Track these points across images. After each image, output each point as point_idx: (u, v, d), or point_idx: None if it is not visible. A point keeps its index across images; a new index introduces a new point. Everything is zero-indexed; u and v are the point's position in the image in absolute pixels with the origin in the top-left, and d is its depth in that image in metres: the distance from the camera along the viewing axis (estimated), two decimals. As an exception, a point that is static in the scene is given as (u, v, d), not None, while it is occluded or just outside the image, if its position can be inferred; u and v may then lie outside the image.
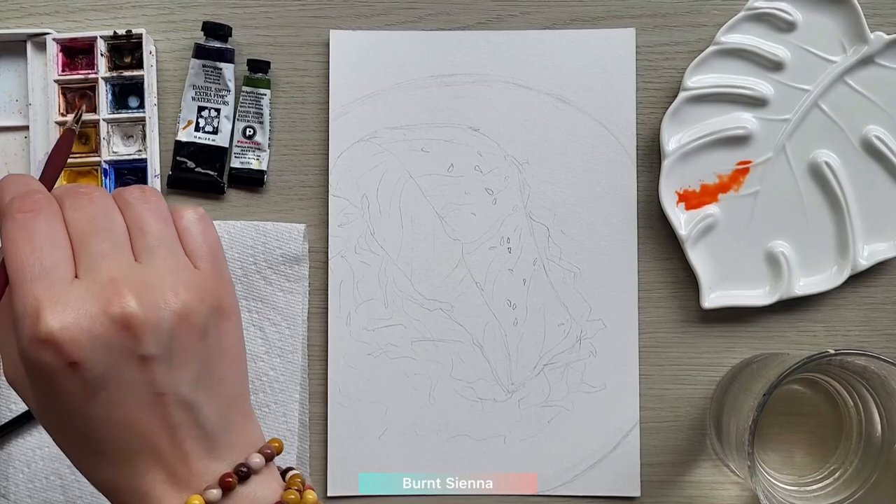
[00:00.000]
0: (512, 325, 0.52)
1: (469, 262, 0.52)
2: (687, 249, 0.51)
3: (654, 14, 0.53)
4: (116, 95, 0.52)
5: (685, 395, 0.52)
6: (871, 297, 0.52)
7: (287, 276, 0.51)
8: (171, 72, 0.53)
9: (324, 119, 0.53)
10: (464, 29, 0.53)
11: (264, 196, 0.53)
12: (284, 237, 0.51)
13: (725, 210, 0.52)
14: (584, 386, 0.52)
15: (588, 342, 0.52)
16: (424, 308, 0.52)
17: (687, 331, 0.52)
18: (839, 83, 0.51)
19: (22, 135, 0.52)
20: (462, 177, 0.52)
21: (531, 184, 0.52)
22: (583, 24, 0.53)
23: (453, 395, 0.52)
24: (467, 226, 0.52)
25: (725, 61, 0.51)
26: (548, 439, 0.52)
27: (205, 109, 0.52)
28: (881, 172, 0.52)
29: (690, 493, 0.52)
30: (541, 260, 0.52)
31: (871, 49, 0.51)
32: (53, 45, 0.50)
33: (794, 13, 0.51)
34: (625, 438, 0.52)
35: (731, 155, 0.52)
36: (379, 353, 0.52)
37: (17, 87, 0.52)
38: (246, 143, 0.52)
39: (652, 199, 0.52)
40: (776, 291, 0.51)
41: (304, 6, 0.53)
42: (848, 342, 0.52)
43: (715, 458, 0.52)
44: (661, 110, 0.52)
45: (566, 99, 0.52)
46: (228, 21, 0.52)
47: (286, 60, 0.53)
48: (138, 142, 0.52)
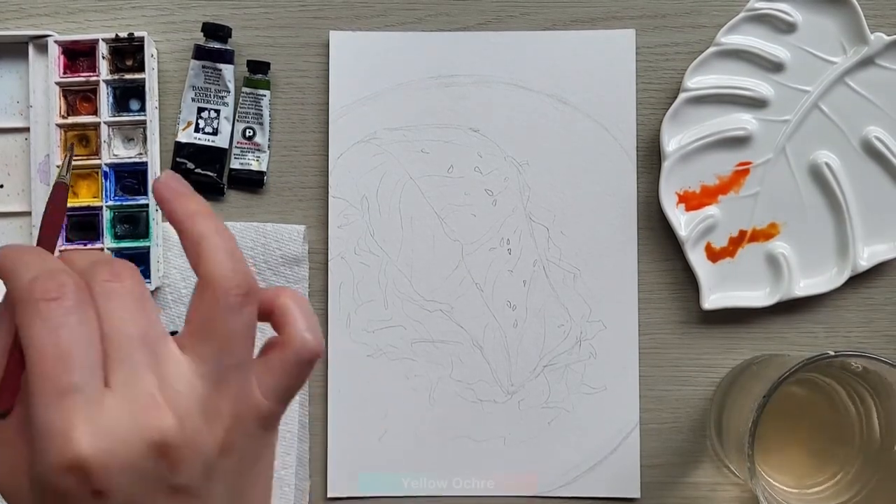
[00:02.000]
0: (512, 326, 0.52)
1: (469, 264, 0.52)
2: (687, 251, 0.51)
3: (654, 15, 0.53)
4: (117, 98, 0.52)
5: (685, 396, 0.52)
6: (872, 298, 0.52)
7: (287, 277, 0.51)
8: (170, 73, 0.53)
9: (323, 120, 0.53)
10: (464, 30, 0.53)
11: (264, 197, 0.53)
12: (284, 238, 0.51)
13: (725, 211, 0.52)
14: (584, 387, 0.52)
15: (588, 343, 0.52)
16: (424, 309, 0.52)
17: (687, 332, 0.52)
18: (839, 84, 0.51)
19: (22, 136, 0.52)
20: (462, 178, 0.52)
21: (531, 185, 0.52)
22: (583, 25, 0.53)
23: (453, 397, 0.52)
24: (467, 227, 0.52)
25: (725, 62, 0.51)
26: (548, 441, 0.52)
27: (204, 110, 0.52)
28: (881, 173, 0.52)
29: (690, 494, 0.52)
30: (541, 261, 0.52)
31: (871, 50, 0.51)
32: (55, 48, 0.51)
33: (795, 14, 0.51)
34: (625, 440, 0.52)
35: (731, 156, 0.52)
36: (379, 354, 0.52)
37: (18, 89, 0.52)
38: (246, 144, 0.52)
39: (652, 200, 0.52)
40: (776, 293, 0.51)
41: (304, 7, 0.53)
42: (848, 343, 0.52)
43: (715, 459, 0.52)
44: (661, 111, 0.52)
45: (566, 100, 0.52)
46: (228, 22, 0.52)
47: (286, 61, 0.53)
48: (139, 144, 0.52)
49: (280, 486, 0.50)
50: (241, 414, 0.29)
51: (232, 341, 0.29)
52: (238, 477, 0.30)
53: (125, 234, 0.51)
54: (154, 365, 0.28)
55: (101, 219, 0.50)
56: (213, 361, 0.28)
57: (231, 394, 0.29)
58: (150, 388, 0.27)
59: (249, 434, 0.30)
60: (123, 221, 0.51)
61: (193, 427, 0.28)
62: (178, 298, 0.51)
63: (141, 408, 0.27)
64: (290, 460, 0.50)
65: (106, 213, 0.50)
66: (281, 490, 0.50)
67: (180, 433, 0.27)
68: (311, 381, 0.52)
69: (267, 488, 0.32)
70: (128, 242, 0.50)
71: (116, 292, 0.28)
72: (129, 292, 0.28)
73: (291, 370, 0.30)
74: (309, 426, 0.52)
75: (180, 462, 0.27)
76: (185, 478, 0.28)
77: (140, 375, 0.27)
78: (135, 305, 0.28)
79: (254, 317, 0.29)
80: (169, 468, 0.27)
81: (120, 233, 0.51)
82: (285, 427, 0.50)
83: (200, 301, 0.29)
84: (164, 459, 0.27)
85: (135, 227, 0.51)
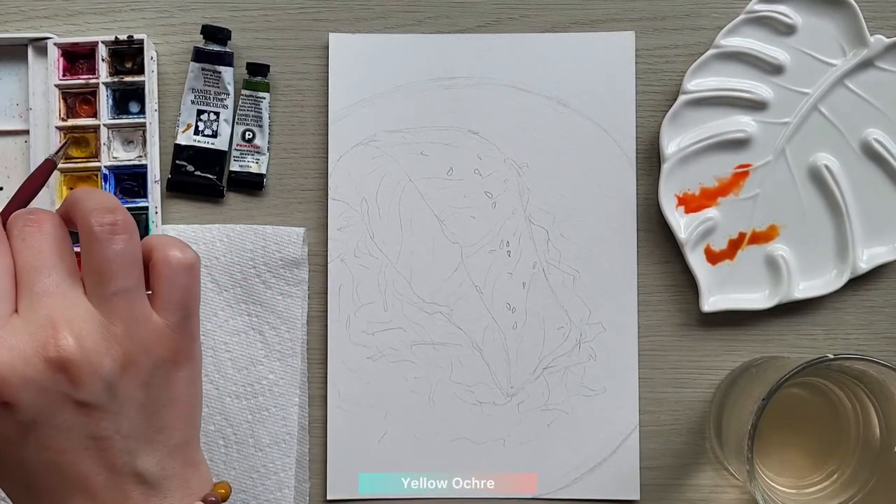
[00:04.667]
0: (511, 328, 0.52)
1: (468, 266, 0.52)
2: (686, 253, 0.51)
3: (653, 17, 0.53)
4: (117, 100, 0.52)
5: (685, 398, 0.52)
6: (871, 300, 0.52)
7: (286, 279, 0.51)
8: (170, 75, 0.53)
9: (323, 122, 0.53)
10: (463, 32, 0.53)
11: (263, 199, 0.53)
12: (284, 241, 0.51)
13: (725, 213, 0.52)
14: (584, 389, 0.52)
15: (587, 346, 0.52)
16: (424, 311, 0.52)
17: (686, 334, 0.52)
18: (839, 86, 0.51)
19: (22, 139, 0.52)
20: (461, 180, 0.52)
21: (531, 187, 0.52)
22: (582, 27, 0.53)
23: (453, 399, 0.52)
24: (467, 229, 0.52)
25: (725, 64, 0.51)
26: (547, 443, 0.52)
27: (204, 113, 0.52)
28: (881, 176, 0.52)
29: (690, 496, 0.52)
30: (540, 263, 0.52)
31: (870, 52, 0.51)
32: (55, 50, 0.50)
33: (794, 16, 0.51)
34: (624, 442, 0.52)
35: (730, 158, 0.52)
36: (378, 356, 0.52)
37: (17, 91, 0.52)
38: (245, 146, 0.52)
39: (651, 202, 0.52)
40: (776, 295, 0.51)
41: (304, 9, 0.53)
42: (848, 346, 0.52)
43: (714, 461, 0.52)
44: (660, 113, 0.52)
45: (566, 102, 0.52)
46: (228, 24, 0.52)
47: (285, 64, 0.53)
48: (139, 147, 0.52)
49: (280, 489, 0.50)
50: (138, 334, 0.32)
51: (109, 269, 0.32)
52: (149, 398, 0.33)
53: (125, 236, 0.51)
54: (59, 294, 0.31)
55: (101, 221, 0.50)
56: (98, 289, 0.32)
57: (122, 316, 0.32)
58: (51, 312, 0.31)
59: (150, 353, 0.32)
60: (123, 223, 0.51)
61: (91, 346, 0.31)
62: (177, 301, 0.51)
63: (40, 328, 0.31)
64: (290, 462, 0.50)
65: (106, 215, 0.50)
66: (280, 492, 0.50)
67: (78, 351, 0.30)
68: (310, 382, 0.52)
69: (188, 416, 0.34)
70: (127, 245, 0.50)
71: (32, 235, 0.32)
72: (44, 235, 0.32)
73: (168, 278, 0.33)
74: (308, 428, 0.52)
75: (80, 378, 0.31)
76: (87, 393, 0.31)
77: (43, 302, 0.31)
78: (47, 246, 0.32)
79: (129, 245, 0.32)
80: (70, 383, 0.31)
81: (120, 235, 0.51)
82: (284, 429, 0.50)
83: (80, 241, 0.33)
84: (64, 374, 0.30)
85: (134, 229, 0.51)
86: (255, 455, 0.50)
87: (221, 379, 0.50)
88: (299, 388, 0.51)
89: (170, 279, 0.33)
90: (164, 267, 0.33)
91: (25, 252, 0.32)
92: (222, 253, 0.51)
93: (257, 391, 0.50)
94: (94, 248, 0.32)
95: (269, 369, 0.51)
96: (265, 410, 0.50)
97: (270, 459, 0.50)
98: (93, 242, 0.32)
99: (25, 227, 0.32)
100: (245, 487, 0.50)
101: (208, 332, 0.51)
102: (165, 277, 0.33)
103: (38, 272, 0.32)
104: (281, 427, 0.50)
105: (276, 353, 0.51)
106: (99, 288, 0.32)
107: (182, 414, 0.34)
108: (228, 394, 0.50)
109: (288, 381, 0.51)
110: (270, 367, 0.51)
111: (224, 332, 0.51)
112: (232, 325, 0.51)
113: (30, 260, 0.32)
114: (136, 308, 0.32)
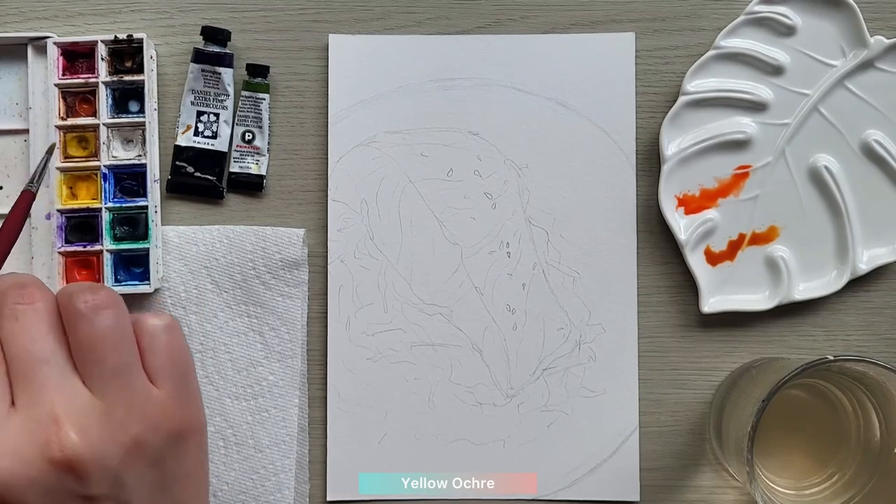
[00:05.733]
0: (511, 329, 0.52)
1: (468, 267, 0.52)
2: (686, 254, 0.51)
3: (653, 18, 0.53)
4: (116, 100, 0.52)
5: (685, 399, 0.52)
6: (871, 301, 0.52)
7: (286, 280, 0.51)
8: (170, 76, 0.53)
9: (323, 123, 0.53)
10: (463, 33, 0.53)
11: (263, 201, 0.53)
12: (283, 242, 0.51)
13: (725, 215, 0.52)
14: (584, 390, 0.52)
15: (587, 347, 0.52)
16: (424, 313, 0.52)
17: (686, 335, 0.52)
18: (839, 87, 0.51)
19: (22, 138, 0.52)
20: (461, 181, 0.52)
21: (530, 188, 0.52)
22: (582, 28, 0.53)
23: (453, 400, 0.52)
24: (466, 230, 0.52)
25: (725, 65, 0.51)
26: (547, 444, 0.52)
27: (204, 114, 0.52)
28: (881, 177, 0.52)
29: (690, 497, 0.52)
30: (540, 264, 0.52)
31: (871, 53, 0.51)
32: (54, 49, 0.50)
33: (794, 17, 0.51)
34: (624, 443, 0.52)
35: (730, 159, 0.52)
36: (378, 357, 0.52)
37: (17, 91, 0.52)
38: (245, 147, 0.52)
39: (651, 203, 0.52)
40: (776, 296, 0.51)
41: (304, 11, 0.53)
42: (848, 347, 0.52)
43: (714, 462, 0.52)
44: (660, 114, 0.52)
45: (566, 103, 0.52)
46: (227, 25, 0.52)
47: (285, 65, 0.53)
48: (138, 146, 0.52)
49: (280, 489, 0.50)
50: (141, 414, 0.31)
51: (101, 347, 0.30)
52: (161, 475, 0.31)
53: (124, 235, 0.51)
54: (58, 385, 0.29)
55: (101, 220, 0.50)
56: (94, 369, 0.30)
57: (123, 397, 0.30)
58: (52, 406, 0.29)
59: (158, 429, 0.31)
60: (123, 223, 0.51)
61: (95, 439, 0.29)
62: (177, 301, 0.51)
63: (42, 427, 0.29)
64: (290, 463, 0.50)
65: (105, 214, 0.50)
66: (280, 493, 0.50)
67: (82, 447, 0.29)
68: (310, 383, 0.52)
69: (200, 483, 0.33)
70: (127, 244, 0.50)
71: (24, 314, 0.30)
72: (36, 313, 0.30)
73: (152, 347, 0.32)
74: (308, 429, 0.52)
75: (87, 474, 0.29)
76: (96, 487, 0.29)
77: (43, 395, 0.29)
78: (45, 328, 0.30)
79: (115, 321, 0.31)
80: (77, 480, 0.29)
81: (119, 234, 0.51)
82: (284, 430, 0.50)
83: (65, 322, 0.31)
84: (70, 473, 0.29)
85: (134, 228, 0.51)
86: (254, 456, 0.50)
87: (221, 380, 0.50)
88: (299, 390, 0.51)
89: (153, 347, 0.32)
90: (144, 337, 0.32)
91: (21, 335, 0.30)
92: (222, 254, 0.51)
93: (257, 392, 0.50)
94: (82, 326, 0.30)
95: (269, 370, 0.51)
96: (265, 412, 0.50)
97: (270, 460, 0.50)
98: (79, 321, 0.30)
99: (17, 306, 0.30)
100: (245, 489, 0.50)
101: (208, 334, 0.51)
102: (149, 347, 0.32)
103: (37, 361, 0.30)
104: (281, 428, 0.50)
105: (275, 355, 0.51)
106: (94, 368, 0.30)
107: (193, 486, 0.33)
108: (228, 395, 0.50)
109: (288, 383, 0.51)
110: (270, 369, 0.51)
111: (224, 333, 0.51)
112: (232, 327, 0.51)
113: (26, 345, 0.30)
114: (136, 385, 0.31)
